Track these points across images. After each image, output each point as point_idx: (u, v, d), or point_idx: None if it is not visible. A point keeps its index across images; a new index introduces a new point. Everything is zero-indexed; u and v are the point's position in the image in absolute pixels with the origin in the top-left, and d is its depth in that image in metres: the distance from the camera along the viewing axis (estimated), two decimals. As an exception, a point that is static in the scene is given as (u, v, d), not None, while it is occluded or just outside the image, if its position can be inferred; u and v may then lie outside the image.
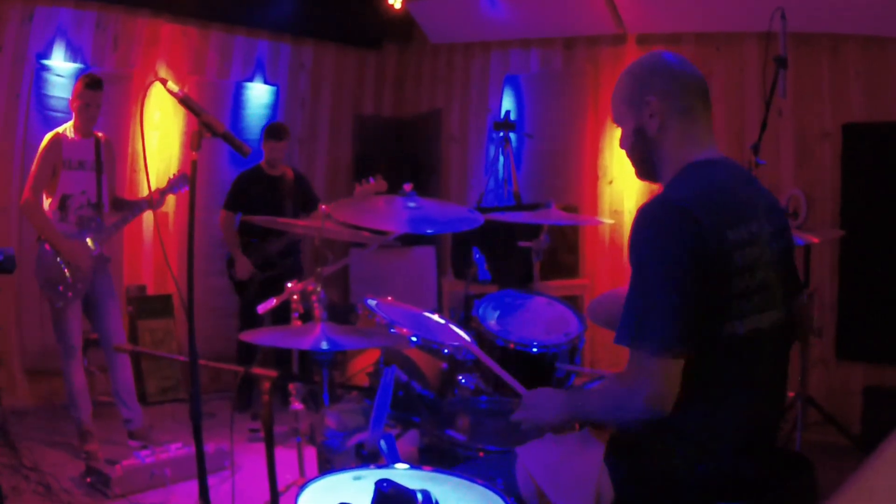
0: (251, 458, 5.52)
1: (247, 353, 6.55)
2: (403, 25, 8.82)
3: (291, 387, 4.54)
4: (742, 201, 2.29)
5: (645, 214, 2.23)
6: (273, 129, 6.89)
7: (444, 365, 3.86)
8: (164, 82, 2.71)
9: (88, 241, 5.37)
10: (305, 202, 6.96)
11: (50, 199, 5.36)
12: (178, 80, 7.11)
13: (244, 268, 6.76)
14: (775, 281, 2.30)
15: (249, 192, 6.80)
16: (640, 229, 2.22)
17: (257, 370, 2.78)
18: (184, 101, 2.70)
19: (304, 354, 5.76)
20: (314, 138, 8.63)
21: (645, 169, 2.50)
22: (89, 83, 5.40)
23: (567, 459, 2.36)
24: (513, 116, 7.76)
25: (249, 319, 6.39)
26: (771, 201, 2.42)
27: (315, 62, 8.57)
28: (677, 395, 2.13)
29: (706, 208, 2.17)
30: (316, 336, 3.35)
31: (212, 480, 2.97)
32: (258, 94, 8.01)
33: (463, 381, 3.86)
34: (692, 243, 2.13)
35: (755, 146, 5.05)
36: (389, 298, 4.34)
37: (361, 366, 4.25)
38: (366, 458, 2.77)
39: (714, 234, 2.14)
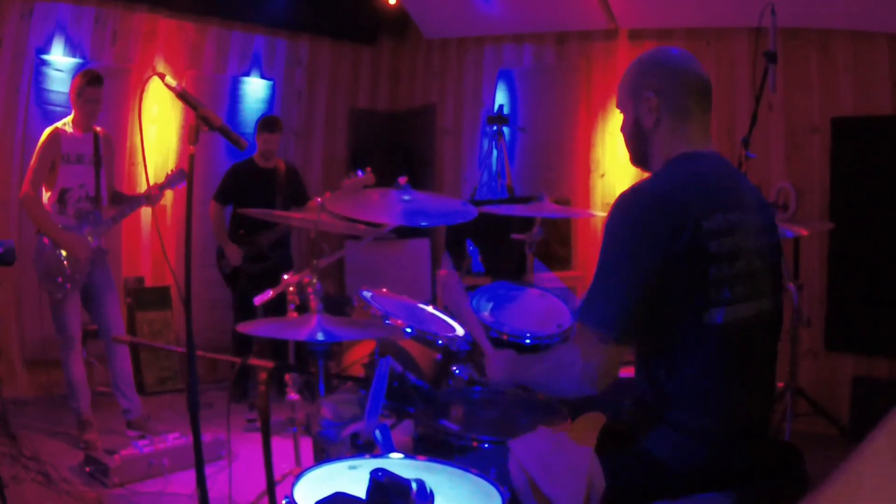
0: (248, 448, 5.54)
1: (241, 345, 6.57)
2: (398, 21, 8.86)
3: (288, 377, 4.56)
4: (722, 191, 2.32)
5: (619, 202, 2.27)
6: (267, 121, 6.88)
7: (438, 356, 3.84)
8: (162, 77, 2.72)
9: (87, 233, 5.41)
10: (296, 195, 6.98)
11: (49, 193, 5.38)
12: (175, 75, 7.14)
13: (235, 254, 6.76)
14: (762, 271, 2.32)
15: (242, 184, 6.80)
16: (611, 215, 2.26)
17: (254, 361, 2.78)
18: (181, 95, 2.71)
19: (300, 345, 5.78)
20: (310, 132, 8.66)
21: (638, 157, 2.54)
22: (91, 79, 5.40)
23: (558, 451, 2.37)
24: (506, 110, 7.80)
25: (243, 311, 6.40)
26: (759, 198, 2.45)
27: (311, 57, 8.60)
28: (613, 377, 2.24)
29: (681, 197, 2.22)
30: (312, 327, 3.38)
31: (209, 470, 2.97)
32: (255, 89, 8.04)
33: (457, 371, 3.85)
34: (661, 234, 2.17)
35: (745, 140, 5.07)
36: (384, 290, 4.34)
37: (357, 357, 4.27)
38: (361, 447, 2.77)
39: (688, 223, 2.18)
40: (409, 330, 3.76)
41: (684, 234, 2.17)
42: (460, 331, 4.04)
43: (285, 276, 4.40)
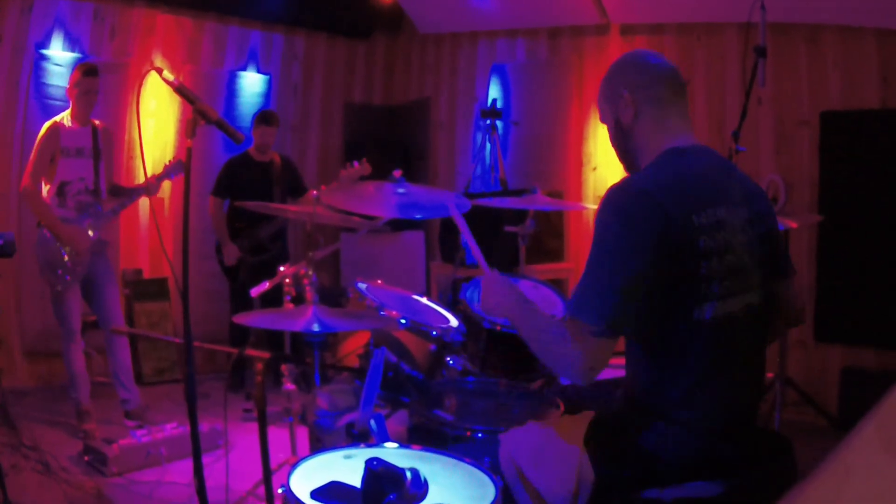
0: (244, 438, 5.58)
1: (238, 336, 6.62)
2: (393, 16, 8.89)
3: (284, 368, 4.60)
4: (711, 187, 2.31)
5: (608, 197, 2.25)
6: (264, 115, 6.91)
7: (432, 347, 3.87)
8: (159, 71, 2.73)
9: (87, 226, 5.44)
10: (294, 187, 7.00)
11: (49, 186, 5.40)
12: (173, 70, 7.17)
13: (231, 254, 6.80)
14: (750, 266, 2.32)
15: (239, 178, 6.82)
16: (601, 210, 2.24)
17: (250, 352, 2.79)
18: (179, 89, 2.71)
19: (296, 336, 5.82)
20: (306, 126, 8.70)
21: (627, 160, 2.55)
22: (87, 70, 5.44)
23: (548, 444, 2.40)
24: (499, 104, 7.80)
25: (241, 303, 6.43)
26: (750, 188, 2.45)
27: (307, 52, 8.63)
28: (601, 370, 2.19)
29: (671, 194, 2.21)
30: (308, 318, 3.39)
31: (206, 459, 2.98)
32: (251, 83, 8.08)
33: (451, 362, 3.87)
34: (652, 229, 2.16)
35: (735, 133, 5.09)
36: (379, 282, 4.36)
37: (352, 347, 4.32)
38: (356, 437, 2.79)
39: (678, 219, 2.17)
40: (403, 321, 3.78)
41: (674, 229, 2.17)
42: (454, 322, 4.09)
43: (281, 268, 4.44)
